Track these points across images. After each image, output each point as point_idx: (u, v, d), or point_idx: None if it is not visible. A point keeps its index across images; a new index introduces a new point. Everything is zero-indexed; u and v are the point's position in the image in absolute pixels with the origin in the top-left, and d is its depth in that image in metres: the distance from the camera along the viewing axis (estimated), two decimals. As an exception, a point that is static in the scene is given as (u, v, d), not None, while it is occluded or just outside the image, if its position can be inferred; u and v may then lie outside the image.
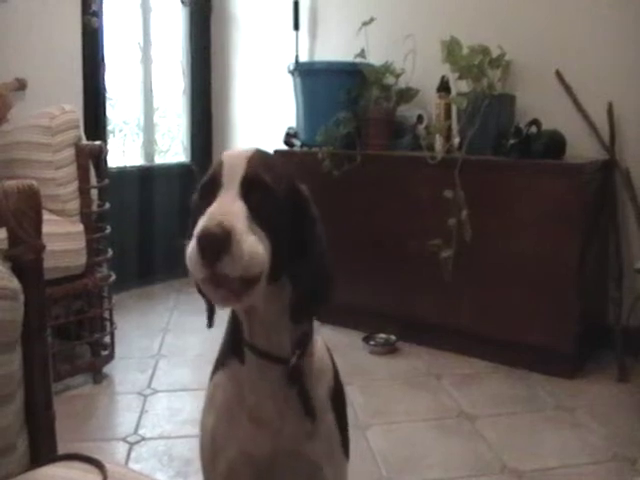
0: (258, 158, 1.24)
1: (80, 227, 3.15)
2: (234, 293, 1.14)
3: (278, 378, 1.31)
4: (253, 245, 1.13)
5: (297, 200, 1.27)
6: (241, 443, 1.34)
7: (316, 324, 1.39)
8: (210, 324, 1.38)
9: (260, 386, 1.32)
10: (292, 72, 4.31)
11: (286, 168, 1.30)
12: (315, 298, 1.30)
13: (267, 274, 1.17)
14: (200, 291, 1.34)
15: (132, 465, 2.53)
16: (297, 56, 4.55)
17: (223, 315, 1.39)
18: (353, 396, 3.05)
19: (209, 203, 1.17)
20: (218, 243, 1.08)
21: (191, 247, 1.11)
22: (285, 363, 1.31)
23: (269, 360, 1.31)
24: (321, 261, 1.30)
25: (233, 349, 1.36)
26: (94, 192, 3.27)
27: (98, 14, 4.41)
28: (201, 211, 1.18)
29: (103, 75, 4.54)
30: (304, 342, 1.34)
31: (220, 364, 1.40)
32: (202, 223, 1.11)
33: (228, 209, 1.14)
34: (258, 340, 1.31)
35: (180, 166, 5.30)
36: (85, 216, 3.18)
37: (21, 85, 3.86)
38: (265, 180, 1.20)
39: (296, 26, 4.65)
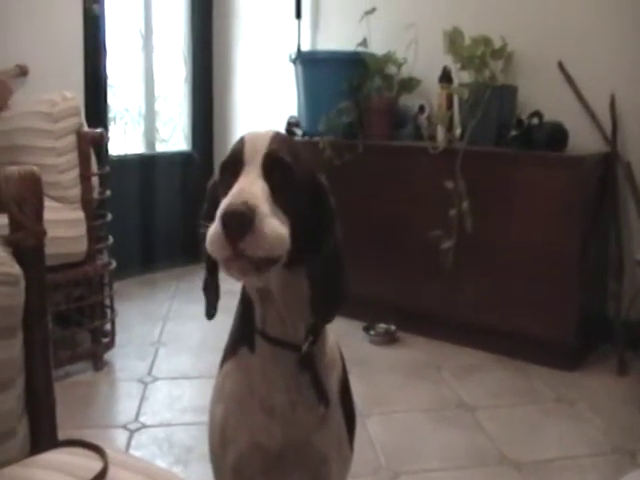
0: (280, 139, 1.24)
1: (81, 214, 3.15)
2: (254, 266, 1.12)
3: (290, 366, 1.31)
4: (276, 226, 1.12)
5: (316, 190, 1.27)
6: (253, 433, 1.33)
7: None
8: (211, 315, 1.35)
9: (272, 374, 1.31)
10: (294, 61, 4.30)
11: (307, 154, 1.30)
12: (335, 296, 1.29)
13: (285, 257, 1.17)
14: (205, 288, 1.35)
15: (132, 452, 2.53)
16: (299, 45, 4.54)
17: (224, 306, 1.38)
18: (353, 385, 3.02)
19: (230, 181, 1.17)
20: (243, 221, 1.07)
21: (214, 227, 1.10)
22: (297, 350, 1.30)
23: (281, 347, 1.30)
24: (338, 257, 1.29)
25: (243, 337, 1.35)
26: (95, 179, 3.27)
27: (99, 1, 4.40)
28: (222, 188, 1.18)
29: (104, 62, 4.54)
30: (317, 329, 1.33)
31: (229, 353, 1.39)
32: (226, 202, 1.10)
33: (251, 189, 1.13)
34: (271, 328, 1.31)
35: (181, 154, 5.30)
36: (86, 203, 3.18)
37: (22, 71, 3.85)
38: (286, 160, 1.20)
39: (298, 14, 4.64)
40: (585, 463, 2.53)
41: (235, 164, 1.19)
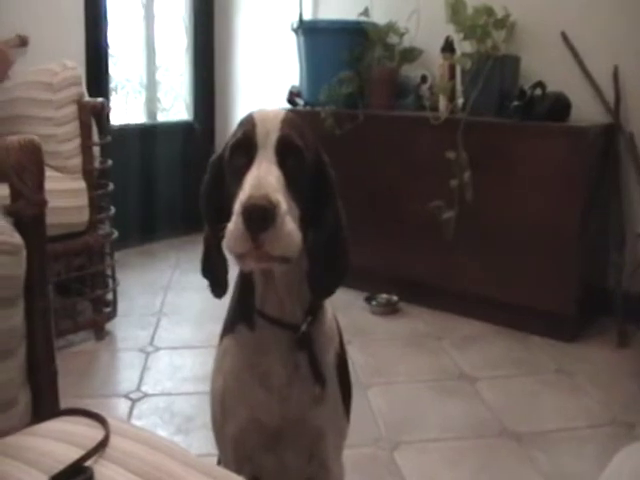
0: (290, 121, 1.23)
1: (82, 184, 3.15)
2: (271, 258, 1.14)
3: (288, 345, 1.32)
4: (294, 228, 1.14)
5: (319, 168, 1.27)
6: (252, 409, 1.35)
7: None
8: (222, 292, 1.36)
9: (270, 353, 1.33)
10: (295, 30, 4.27)
11: (312, 133, 1.29)
12: (333, 273, 1.30)
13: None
14: (205, 269, 1.36)
15: (134, 421, 2.54)
16: (301, 14, 4.50)
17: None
18: (354, 356, 3.06)
19: (243, 164, 1.17)
20: (265, 215, 1.08)
21: (234, 222, 1.11)
22: (296, 330, 1.31)
23: (280, 327, 1.32)
24: (340, 232, 1.30)
25: (242, 315, 1.36)
26: (96, 149, 3.26)
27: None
28: (233, 170, 1.20)
29: (105, 32, 4.51)
30: (315, 309, 1.35)
31: (229, 329, 1.40)
32: (246, 193, 1.11)
33: (268, 179, 1.13)
34: (270, 308, 1.32)
35: (182, 124, 5.28)
36: (87, 173, 3.17)
37: (22, 42, 3.82)
38: (299, 144, 1.20)
39: (300, -17, 4.60)
40: (584, 435, 2.54)
41: (247, 146, 1.19)
